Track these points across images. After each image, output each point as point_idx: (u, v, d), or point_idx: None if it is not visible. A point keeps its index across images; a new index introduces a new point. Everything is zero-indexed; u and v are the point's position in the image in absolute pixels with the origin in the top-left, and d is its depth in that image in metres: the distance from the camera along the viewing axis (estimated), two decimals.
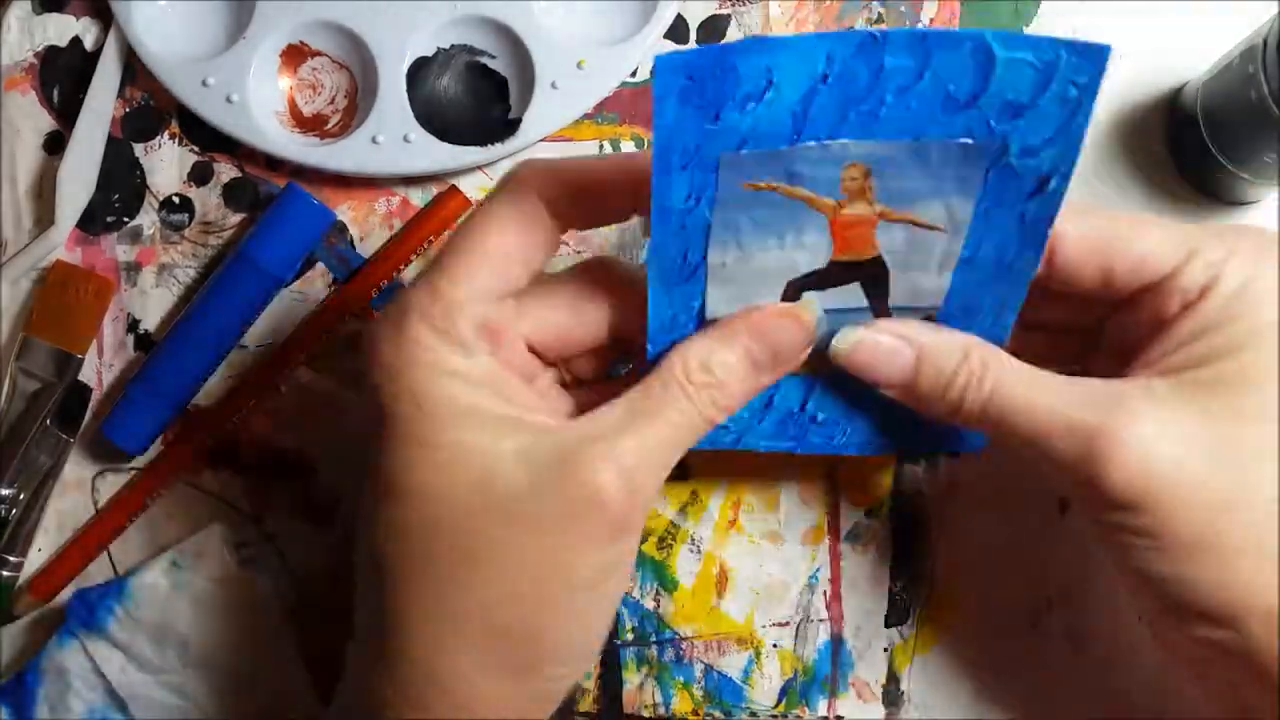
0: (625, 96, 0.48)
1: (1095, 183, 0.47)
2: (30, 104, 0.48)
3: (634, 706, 0.46)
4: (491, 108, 0.47)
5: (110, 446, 0.47)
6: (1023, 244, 0.36)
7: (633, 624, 0.47)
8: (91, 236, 0.48)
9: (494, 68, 0.48)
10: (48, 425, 0.47)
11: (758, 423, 0.40)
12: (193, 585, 0.45)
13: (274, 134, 0.47)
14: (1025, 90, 0.34)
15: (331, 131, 0.48)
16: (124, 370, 0.48)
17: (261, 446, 0.47)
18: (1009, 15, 0.47)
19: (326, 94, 0.48)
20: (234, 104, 0.47)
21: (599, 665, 0.46)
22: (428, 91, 0.47)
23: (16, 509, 0.47)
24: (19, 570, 0.47)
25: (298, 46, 0.48)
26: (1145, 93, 0.47)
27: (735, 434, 0.41)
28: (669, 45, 0.48)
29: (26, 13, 0.48)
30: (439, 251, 0.35)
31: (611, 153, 0.47)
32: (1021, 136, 0.34)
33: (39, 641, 0.46)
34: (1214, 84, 0.43)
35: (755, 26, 0.48)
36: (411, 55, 0.47)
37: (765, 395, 0.40)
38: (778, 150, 0.34)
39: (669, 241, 0.36)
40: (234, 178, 0.48)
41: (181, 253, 0.48)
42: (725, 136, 0.34)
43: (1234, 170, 0.43)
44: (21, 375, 0.47)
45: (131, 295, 0.48)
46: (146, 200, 0.48)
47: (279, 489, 0.47)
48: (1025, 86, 0.34)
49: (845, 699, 0.46)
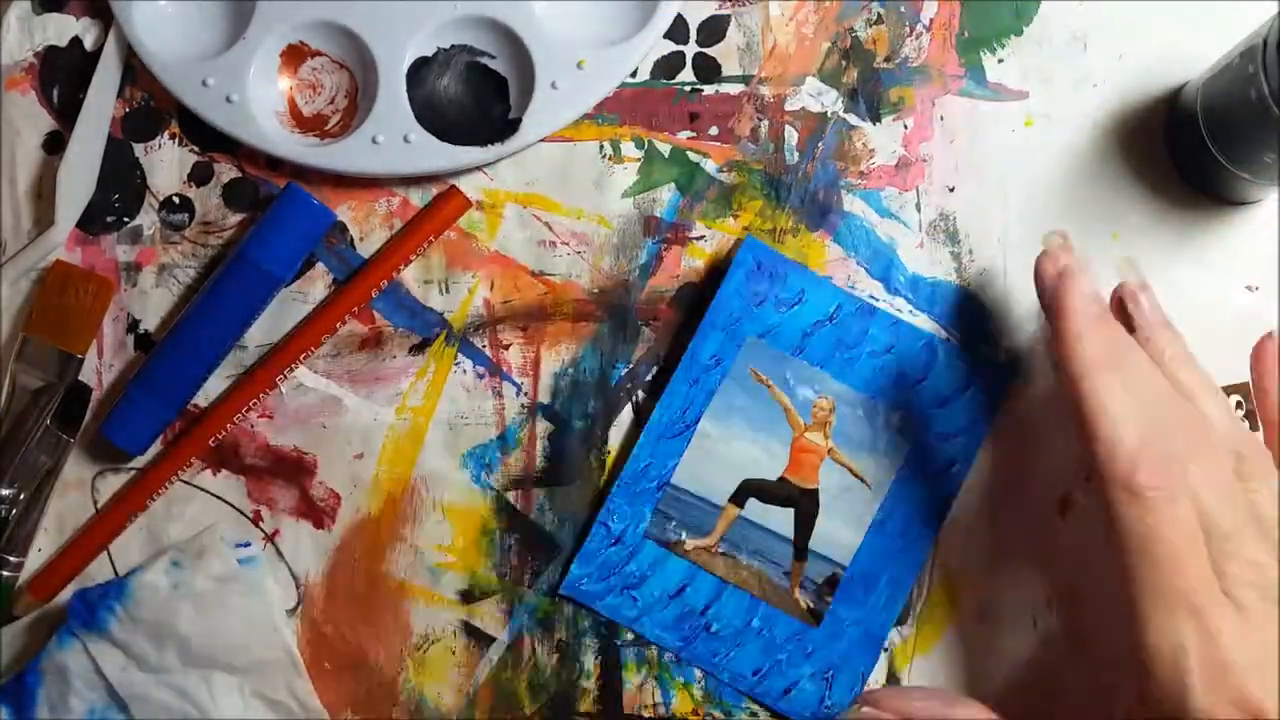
0: (625, 97, 0.48)
1: (1095, 183, 0.47)
2: (30, 104, 0.48)
3: (634, 706, 0.46)
4: (491, 108, 0.47)
5: (110, 447, 0.47)
6: (924, 520, 0.45)
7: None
8: (91, 236, 0.48)
9: (494, 68, 0.48)
10: (48, 425, 0.47)
11: (662, 609, 0.45)
12: (193, 585, 0.45)
13: (274, 134, 0.47)
14: (950, 388, 0.45)
15: (332, 131, 0.48)
16: (124, 370, 0.48)
17: (261, 446, 0.47)
18: (1009, 15, 0.47)
19: (326, 94, 0.48)
20: (234, 104, 0.47)
21: (599, 665, 0.46)
22: (428, 91, 0.47)
23: (16, 509, 0.47)
24: (19, 570, 0.47)
25: (298, 46, 0.48)
26: (1145, 93, 0.47)
27: (638, 611, 0.45)
28: (670, 45, 0.48)
29: (26, 13, 0.48)
30: None
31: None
32: (942, 424, 0.45)
33: (39, 642, 0.46)
34: (1214, 84, 0.43)
35: (755, 27, 0.48)
36: (411, 55, 0.47)
37: (679, 581, 0.45)
38: (783, 354, 0.45)
39: (682, 390, 0.45)
40: (234, 178, 0.48)
41: (181, 253, 0.48)
42: (758, 322, 0.45)
43: (1234, 170, 0.43)
44: (21, 375, 0.47)
45: (131, 295, 0.48)
46: (146, 200, 0.48)
47: (279, 489, 0.47)
48: (951, 386, 0.45)
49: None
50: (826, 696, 0.45)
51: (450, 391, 0.47)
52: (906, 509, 0.45)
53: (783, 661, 0.45)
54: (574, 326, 0.47)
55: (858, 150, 0.47)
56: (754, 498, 0.45)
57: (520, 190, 0.48)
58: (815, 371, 0.45)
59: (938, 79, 0.47)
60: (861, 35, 0.48)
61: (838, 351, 0.45)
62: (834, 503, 0.45)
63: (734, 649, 0.45)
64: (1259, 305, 0.46)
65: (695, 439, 0.45)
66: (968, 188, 0.47)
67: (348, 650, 0.47)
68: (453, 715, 0.47)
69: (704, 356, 0.45)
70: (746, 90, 0.48)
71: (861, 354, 0.45)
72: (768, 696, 0.45)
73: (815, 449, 0.45)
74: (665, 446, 0.45)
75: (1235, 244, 0.46)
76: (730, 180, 0.47)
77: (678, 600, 0.45)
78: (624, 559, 0.45)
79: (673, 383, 0.45)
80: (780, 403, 0.45)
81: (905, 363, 0.45)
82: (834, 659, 0.45)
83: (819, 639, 0.45)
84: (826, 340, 0.45)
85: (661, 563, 0.45)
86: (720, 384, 0.45)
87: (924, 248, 0.47)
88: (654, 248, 0.47)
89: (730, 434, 0.45)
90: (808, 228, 0.47)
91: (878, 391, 0.45)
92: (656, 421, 0.45)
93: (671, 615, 0.45)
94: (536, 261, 0.48)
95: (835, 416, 0.45)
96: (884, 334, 0.45)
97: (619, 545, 0.45)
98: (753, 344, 0.45)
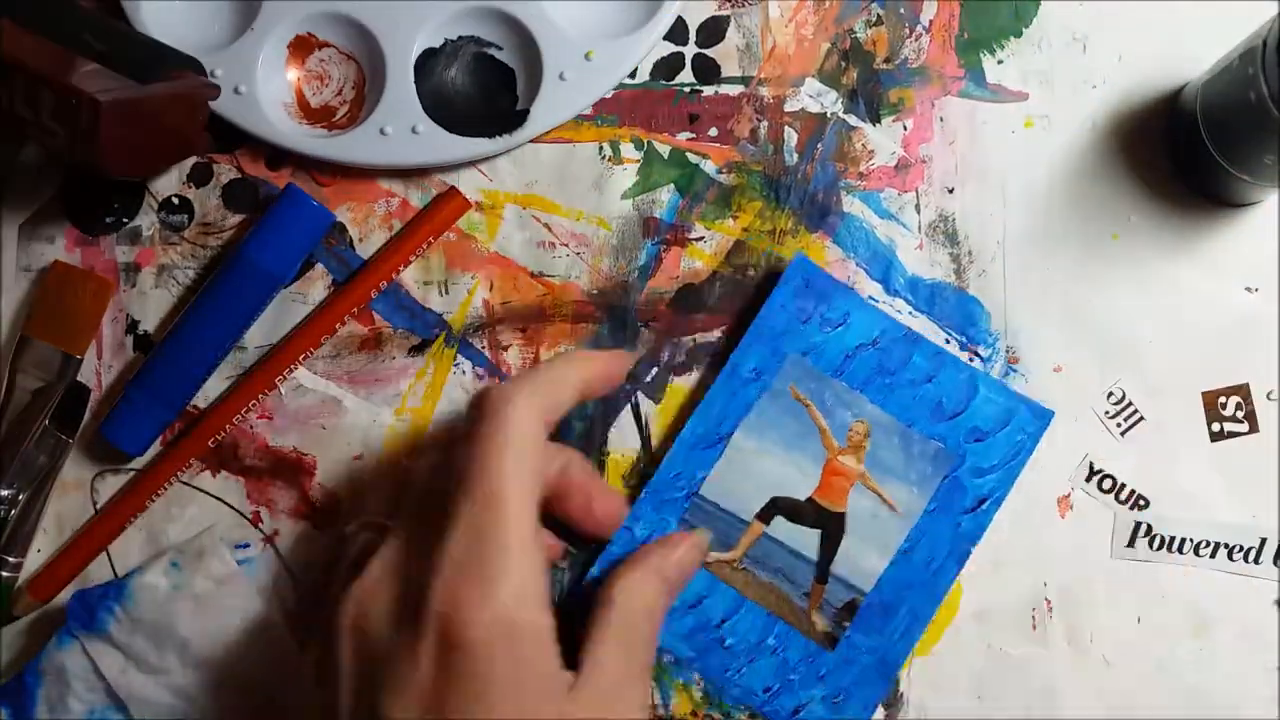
0: (625, 98, 0.48)
1: (1095, 184, 0.47)
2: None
3: None
4: (499, 99, 0.47)
5: (110, 447, 0.47)
6: (949, 555, 0.45)
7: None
8: (91, 237, 0.48)
9: (502, 59, 0.48)
10: (47, 425, 0.47)
11: (679, 618, 0.45)
12: (192, 585, 0.45)
13: (282, 125, 0.47)
14: (989, 423, 0.45)
15: (339, 123, 0.48)
16: (123, 371, 0.48)
17: (261, 447, 0.47)
18: (1009, 16, 0.47)
19: (334, 85, 0.48)
20: (242, 96, 0.47)
21: None
22: (436, 83, 0.47)
23: (16, 509, 0.47)
24: (18, 571, 0.47)
25: (305, 38, 0.48)
26: (1145, 93, 0.47)
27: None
28: (670, 46, 0.48)
29: None
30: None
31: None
32: (977, 458, 0.45)
33: (38, 642, 0.46)
34: (1214, 85, 0.43)
35: (754, 28, 0.48)
36: (419, 46, 0.47)
37: (698, 593, 0.45)
38: (823, 375, 0.45)
39: (720, 399, 0.45)
40: (233, 179, 0.48)
41: (181, 253, 0.48)
42: (802, 340, 0.45)
43: (1233, 172, 0.43)
44: (21, 375, 0.47)
45: (130, 296, 0.48)
46: (146, 201, 0.48)
47: (278, 490, 0.47)
48: (990, 421, 0.45)
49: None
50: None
51: (450, 393, 0.47)
52: (933, 541, 0.45)
53: (794, 682, 0.45)
54: (573, 328, 0.47)
55: (857, 151, 0.47)
56: (781, 516, 0.45)
57: (520, 191, 0.48)
58: (854, 395, 0.45)
59: (937, 80, 0.47)
60: (861, 36, 0.48)
61: (878, 377, 0.45)
62: (861, 528, 0.45)
63: (746, 665, 0.45)
64: (1259, 306, 0.46)
65: (728, 451, 0.45)
66: (967, 189, 0.47)
67: None
68: None
69: (744, 369, 0.45)
70: (746, 91, 0.48)
71: (902, 381, 0.45)
72: (776, 716, 0.45)
73: (847, 473, 0.45)
74: (697, 456, 0.45)
75: (1235, 245, 0.46)
76: (730, 181, 0.47)
77: (695, 611, 0.45)
78: None
79: (711, 393, 0.45)
80: (817, 424, 0.45)
81: (945, 393, 0.45)
82: (845, 684, 0.45)
83: (832, 663, 0.45)
84: (868, 364, 0.45)
85: None
86: (758, 398, 0.45)
87: (923, 249, 0.47)
88: (653, 249, 0.47)
89: (764, 450, 0.45)
90: (807, 229, 0.47)
91: (915, 420, 0.45)
92: (690, 431, 0.45)
93: (687, 626, 0.45)
94: (536, 263, 0.48)
95: (870, 442, 0.45)
96: (926, 363, 0.45)
97: None
98: (794, 361, 0.45)
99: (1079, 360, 0.46)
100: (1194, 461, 0.46)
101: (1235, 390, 0.46)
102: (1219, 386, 0.46)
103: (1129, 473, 0.46)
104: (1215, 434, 0.46)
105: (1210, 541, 0.45)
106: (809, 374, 0.45)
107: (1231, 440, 0.46)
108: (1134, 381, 0.46)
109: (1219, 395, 0.46)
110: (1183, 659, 0.45)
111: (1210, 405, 0.46)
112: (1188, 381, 0.46)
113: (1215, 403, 0.46)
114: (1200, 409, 0.46)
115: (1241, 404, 0.45)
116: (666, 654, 0.45)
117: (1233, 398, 0.45)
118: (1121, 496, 0.46)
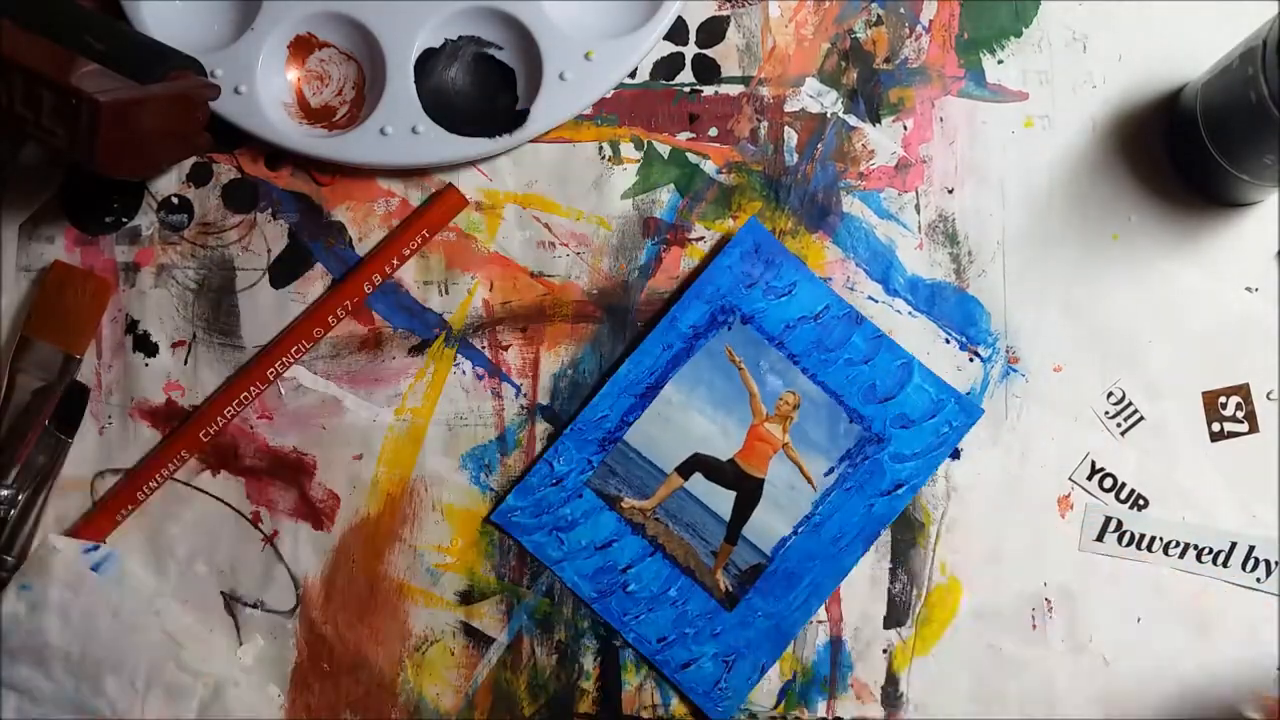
0: (625, 98, 0.48)
1: (1095, 184, 0.47)
2: None
3: (633, 707, 0.46)
4: (499, 99, 0.47)
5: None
6: (859, 534, 0.45)
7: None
8: (90, 237, 0.48)
9: (502, 59, 0.48)
10: (46, 425, 0.47)
11: (585, 557, 0.46)
12: (49, 599, 0.45)
13: (282, 125, 0.47)
14: (918, 412, 0.45)
15: (340, 123, 0.48)
16: (123, 371, 0.48)
17: (261, 447, 0.47)
18: (1009, 17, 0.47)
19: (335, 85, 0.48)
20: (242, 95, 0.47)
21: (598, 666, 0.46)
22: (436, 83, 0.47)
23: (16, 509, 0.47)
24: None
25: (306, 38, 0.48)
26: (1145, 93, 0.47)
27: (562, 555, 0.46)
28: (670, 46, 0.48)
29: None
30: None
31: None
32: (900, 444, 0.45)
33: None
34: (1214, 84, 0.43)
35: (754, 28, 0.48)
36: (420, 46, 0.47)
37: (607, 536, 0.46)
38: (762, 341, 0.46)
39: (654, 351, 0.46)
40: (233, 179, 0.48)
41: (180, 253, 0.48)
42: (745, 304, 0.45)
43: (1233, 171, 0.43)
44: (21, 375, 0.47)
45: (130, 296, 0.48)
46: (145, 201, 0.48)
47: (278, 490, 0.47)
48: (919, 410, 0.45)
49: (844, 700, 0.46)
50: (723, 679, 0.45)
51: (449, 392, 0.47)
52: (844, 518, 0.45)
53: (689, 636, 0.45)
54: (573, 327, 0.47)
55: (857, 151, 0.47)
56: (700, 473, 0.46)
57: (520, 191, 0.48)
58: (789, 365, 0.46)
59: (937, 80, 0.47)
60: (861, 36, 0.48)
61: (816, 351, 0.46)
62: (777, 496, 0.46)
63: (646, 612, 0.46)
64: (1259, 306, 0.46)
65: (656, 403, 0.46)
66: (967, 189, 0.47)
67: (346, 651, 0.47)
68: (451, 716, 0.47)
69: (683, 324, 0.46)
70: (746, 91, 0.48)
71: (839, 359, 0.46)
72: (666, 666, 0.45)
73: (771, 440, 0.46)
74: (626, 403, 0.46)
75: (1235, 244, 0.46)
76: (729, 181, 0.47)
77: (603, 553, 0.46)
78: (560, 501, 0.46)
79: (646, 342, 0.46)
80: (748, 387, 0.46)
81: (879, 377, 0.46)
82: (739, 646, 0.45)
83: (729, 623, 0.45)
84: (807, 337, 0.46)
85: (595, 514, 0.46)
86: (693, 355, 0.46)
87: (923, 249, 0.47)
88: (653, 249, 0.47)
89: (691, 405, 0.46)
90: (807, 229, 0.47)
91: (845, 398, 0.46)
92: (623, 376, 0.46)
93: (593, 566, 0.46)
94: (536, 262, 0.48)
95: (798, 413, 0.46)
96: (865, 344, 0.46)
97: (558, 487, 0.46)
98: (734, 324, 0.46)
99: (1079, 360, 0.46)
100: (1194, 461, 0.46)
101: (1235, 390, 0.46)
102: (1219, 386, 0.46)
103: (1129, 472, 0.46)
104: (1215, 434, 0.46)
105: (1180, 542, 0.45)
106: (747, 338, 0.46)
107: (1231, 440, 0.46)
108: (1134, 381, 0.46)
109: (1219, 395, 0.46)
110: (1183, 659, 0.45)
111: (1210, 405, 0.46)
112: (1188, 381, 0.46)
113: (1215, 403, 0.46)
114: (1200, 409, 0.46)
115: (1241, 404, 0.45)
116: (569, 592, 0.46)
117: (1233, 398, 0.45)
118: (1122, 496, 0.46)
